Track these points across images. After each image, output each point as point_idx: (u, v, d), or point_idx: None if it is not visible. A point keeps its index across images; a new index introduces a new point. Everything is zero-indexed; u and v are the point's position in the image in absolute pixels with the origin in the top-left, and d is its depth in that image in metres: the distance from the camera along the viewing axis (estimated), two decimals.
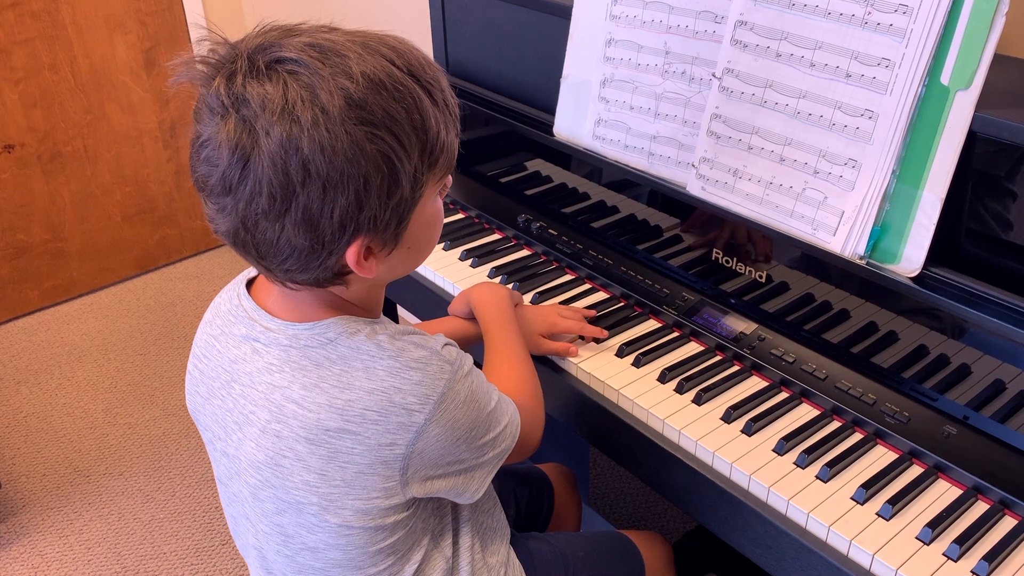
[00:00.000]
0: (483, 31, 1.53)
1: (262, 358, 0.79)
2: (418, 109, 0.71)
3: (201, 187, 0.72)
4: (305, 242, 0.70)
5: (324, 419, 0.76)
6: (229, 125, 0.67)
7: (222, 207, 0.71)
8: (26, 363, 2.49)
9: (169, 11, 2.68)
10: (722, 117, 1.13)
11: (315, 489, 0.79)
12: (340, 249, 0.72)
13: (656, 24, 1.20)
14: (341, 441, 0.76)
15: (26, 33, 2.43)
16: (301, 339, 0.78)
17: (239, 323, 0.82)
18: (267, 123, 0.66)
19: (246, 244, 0.72)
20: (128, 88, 2.69)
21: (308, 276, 0.74)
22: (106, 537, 1.93)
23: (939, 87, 0.94)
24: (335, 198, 0.68)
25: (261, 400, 0.79)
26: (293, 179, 0.67)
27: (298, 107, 0.66)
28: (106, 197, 2.76)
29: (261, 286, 0.85)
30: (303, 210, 0.68)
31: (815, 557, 0.90)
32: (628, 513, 1.90)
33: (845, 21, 1.00)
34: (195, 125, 0.71)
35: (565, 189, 1.41)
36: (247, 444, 0.82)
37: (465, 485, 0.85)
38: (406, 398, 0.75)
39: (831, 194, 1.04)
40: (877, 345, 1.04)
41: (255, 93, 0.66)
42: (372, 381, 0.75)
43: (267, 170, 0.66)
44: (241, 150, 0.67)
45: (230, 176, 0.68)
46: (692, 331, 1.19)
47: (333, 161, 0.67)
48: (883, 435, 1.00)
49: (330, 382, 0.76)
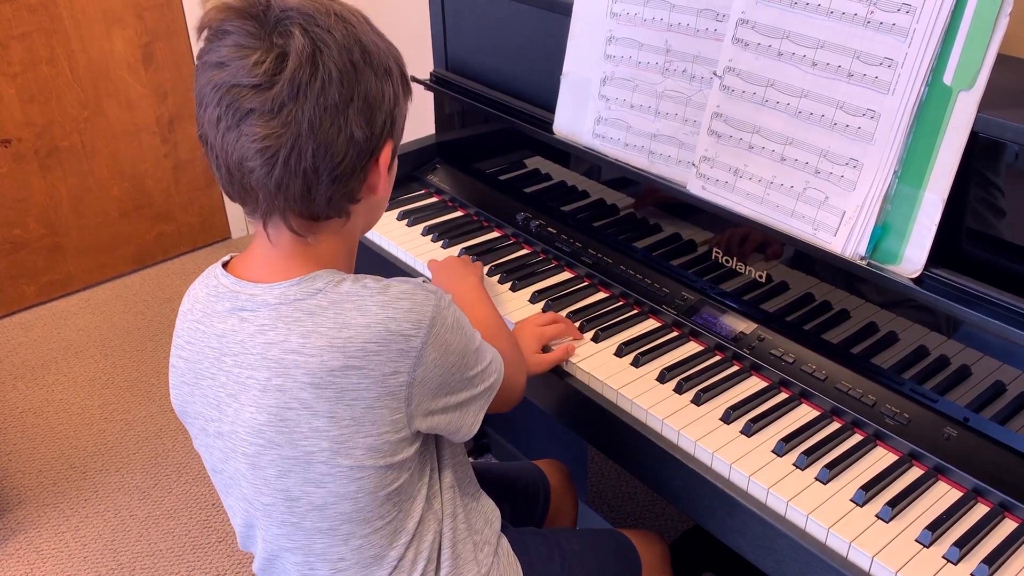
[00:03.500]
0: (483, 28, 1.52)
1: (252, 323, 0.82)
2: (393, 48, 0.84)
3: (239, 119, 0.75)
4: (363, 134, 0.78)
5: (327, 360, 0.79)
6: (297, 30, 0.75)
7: (283, 120, 0.75)
8: (22, 359, 2.49)
9: (167, 6, 2.67)
10: (723, 116, 1.13)
11: (325, 434, 0.81)
12: (381, 144, 0.81)
13: (657, 22, 1.19)
14: (346, 379, 0.79)
15: (23, 27, 2.42)
16: (290, 295, 0.82)
17: (221, 300, 0.85)
18: (326, 24, 0.76)
19: (301, 156, 0.76)
20: (126, 83, 2.67)
21: (346, 188, 0.81)
22: (103, 534, 1.92)
23: (942, 87, 0.93)
24: (383, 87, 0.79)
25: (258, 362, 0.82)
26: (357, 65, 0.77)
27: (344, 13, 0.79)
28: (103, 192, 2.75)
29: (239, 263, 0.88)
30: (364, 96, 0.78)
31: (814, 559, 0.90)
32: (626, 512, 1.90)
33: (847, 20, 0.99)
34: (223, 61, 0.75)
35: (564, 187, 1.40)
36: (245, 411, 0.83)
37: (462, 419, 0.90)
38: (401, 325, 0.80)
39: (832, 194, 1.04)
40: (877, 346, 1.04)
41: (303, 8, 0.76)
42: (366, 316, 0.80)
43: (336, 59, 0.76)
44: (310, 48, 0.75)
45: (299, 76, 0.74)
46: (691, 331, 1.19)
47: (379, 53, 0.80)
48: (883, 436, 1.00)
49: (327, 325, 0.80)
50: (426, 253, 1.41)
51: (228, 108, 0.75)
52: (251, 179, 0.78)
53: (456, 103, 1.58)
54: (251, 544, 0.95)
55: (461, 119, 1.61)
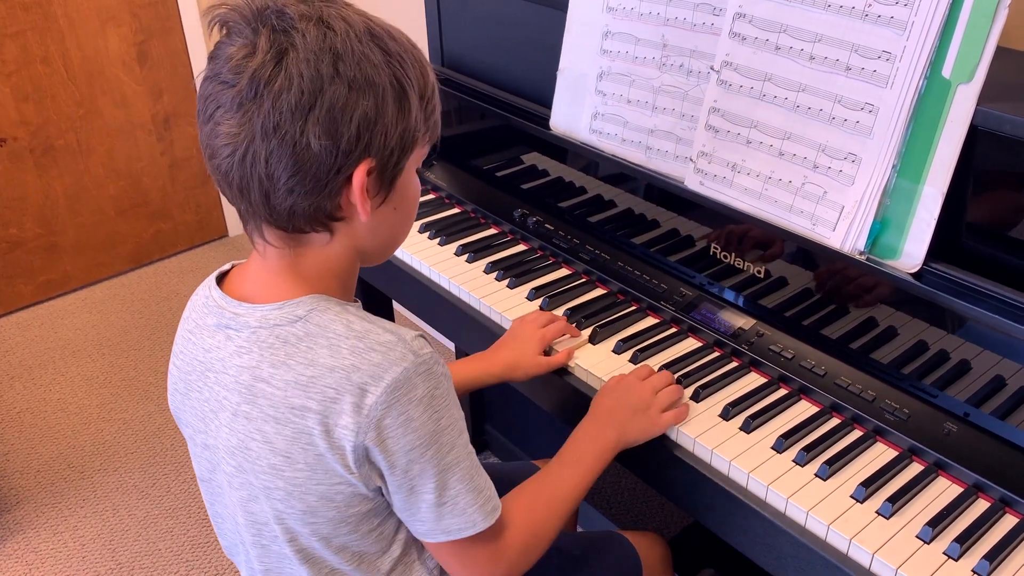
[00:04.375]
0: (478, 24, 1.51)
1: (233, 343, 0.80)
2: (419, 65, 0.78)
3: (210, 113, 0.73)
4: (322, 147, 0.72)
5: (290, 396, 0.76)
6: (265, 32, 0.71)
7: (239, 121, 0.72)
8: (20, 358, 2.48)
9: (162, 3, 2.66)
10: (720, 111, 1.12)
11: (280, 473, 0.78)
12: (350, 164, 0.74)
13: (653, 17, 1.19)
14: (304, 420, 0.75)
15: (17, 25, 2.41)
16: (270, 319, 0.78)
17: (210, 314, 0.83)
18: (304, 27, 0.71)
19: (255, 162, 0.72)
20: (121, 81, 2.67)
21: (309, 202, 0.74)
22: (101, 533, 1.92)
23: (940, 80, 0.93)
24: (357, 101, 0.72)
25: (232, 383, 0.79)
26: (323, 75, 0.71)
27: (332, 21, 0.73)
28: (99, 191, 2.74)
29: (236, 275, 0.85)
30: (327, 109, 0.71)
31: (814, 556, 0.90)
32: (625, 508, 1.90)
33: (845, 13, 0.98)
34: (216, 54, 0.74)
35: (562, 183, 1.40)
36: (223, 431, 0.82)
37: (418, 524, 0.81)
38: (363, 377, 0.74)
39: (831, 189, 1.03)
40: (877, 341, 1.03)
41: (293, 10, 0.72)
42: (335, 358, 0.75)
43: (300, 65, 0.70)
44: (277, 50, 0.71)
45: (259, 76, 0.70)
46: (690, 327, 1.18)
47: (360, 65, 0.72)
48: (883, 432, 1.00)
49: (296, 359, 0.76)
50: (423, 250, 1.40)
51: (205, 100, 0.74)
52: (222, 177, 0.76)
53: (452, 99, 1.57)
54: (236, 555, 0.95)
55: (457, 115, 1.60)
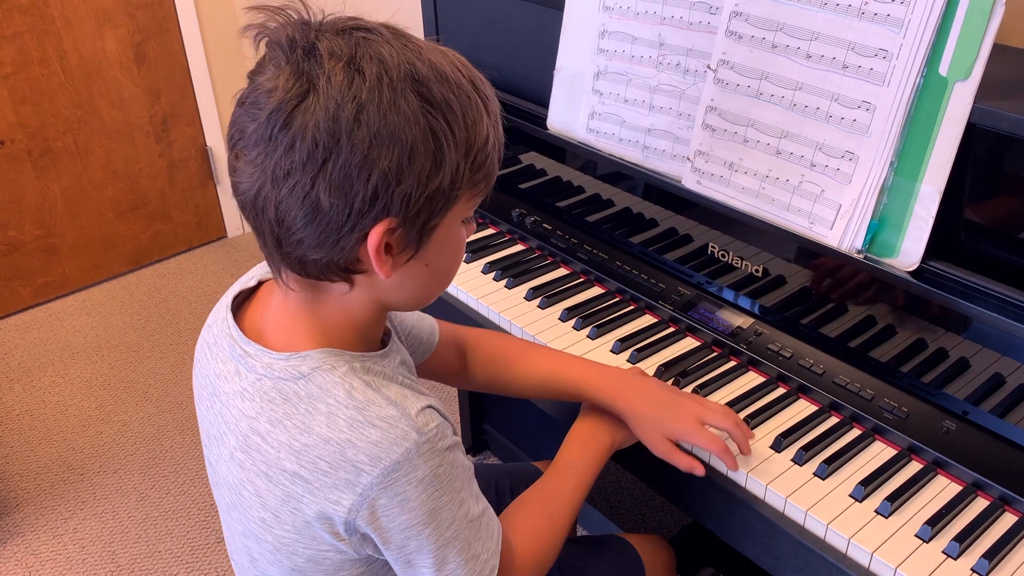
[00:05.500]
0: (475, 23, 1.51)
1: (239, 382, 0.77)
2: (473, 111, 0.71)
3: (235, 141, 0.69)
4: (333, 205, 0.66)
5: (283, 458, 0.73)
6: (290, 68, 0.65)
7: (253, 159, 0.67)
8: (19, 360, 2.48)
9: (159, 4, 2.65)
10: (717, 110, 1.12)
11: (269, 529, 0.76)
12: (365, 224, 0.67)
13: (650, 15, 1.18)
14: (294, 485, 0.73)
15: (14, 27, 2.41)
16: (275, 370, 0.74)
17: (224, 339, 0.80)
18: (330, 70, 0.64)
19: (265, 206, 0.67)
20: (119, 82, 2.66)
21: (320, 255, 0.69)
22: (100, 535, 1.91)
23: (937, 78, 0.92)
24: (377, 158, 0.65)
25: (232, 425, 0.77)
26: (342, 127, 0.64)
27: (364, 62, 0.65)
28: (98, 193, 2.74)
29: (259, 303, 0.81)
30: (342, 165, 0.65)
31: (813, 555, 0.89)
32: (625, 508, 1.90)
33: (842, 11, 0.98)
34: (251, 74, 0.69)
35: (559, 183, 1.39)
36: (223, 462, 0.80)
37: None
38: (358, 455, 0.70)
39: (828, 187, 1.03)
40: (875, 340, 1.03)
41: (325, 45, 0.66)
42: (331, 430, 0.71)
43: (318, 113, 0.64)
44: (297, 92, 0.64)
45: (275, 119, 0.64)
46: (688, 326, 1.18)
47: (386, 117, 0.65)
48: (881, 431, 0.99)
49: (294, 420, 0.72)
50: None
51: (232, 123, 0.70)
52: (241, 208, 0.71)
53: None
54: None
55: None
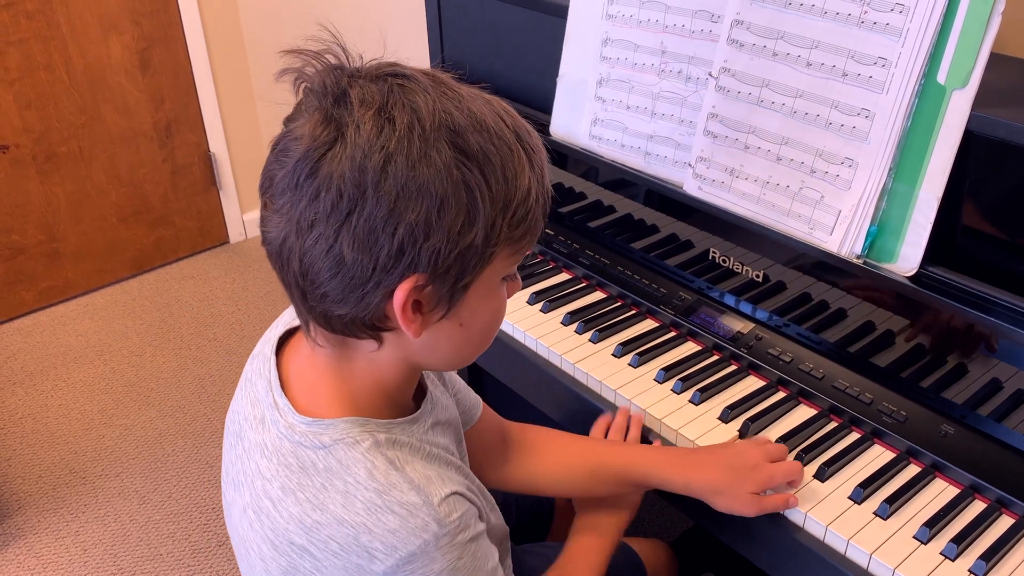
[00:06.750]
0: (479, 30, 1.52)
1: (263, 434, 0.74)
2: (514, 163, 0.66)
3: (265, 188, 0.67)
4: (356, 260, 0.63)
5: (291, 530, 0.70)
6: (319, 115, 0.63)
7: (279, 207, 0.64)
8: (21, 364, 2.49)
9: (164, 11, 2.67)
10: (719, 117, 1.13)
11: None
12: (391, 280, 0.64)
13: (652, 23, 1.20)
14: (301, 559, 0.70)
15: (20, 33, 2.42)
16: (297, 432, 0.71)
17: (261, 380, 0.77)
18: (359, 118, 0.62)
19: (290, 257, 0.65)
20: (123, 89, 2.68)
21: (345, 311, 0.66)
22: (103, 539, 1.92)
23: (935, 86, 0.94)
24: (404, 211, 0.61)
25: (249, 478, 0.74)
26: (368, 179, 0.61)
27: (396, 111, 0.62)
28: (101, 198, 2.75)
29: (296, 342, 0.78)
30: (367, 217, 0.61)
31: (812, 557, 0.90)
32: None
33: (841, 20, 0.99)
34: (287, 119, 0.67)
35: (562, 189, 1.41)
36: (235, 509, 0.77)
37: None
38: (373, 542, 0.67)
39: (828, 193, 1.04)
40: (874, 344, 1.04)
41: (356, 92, 0.63)
42: (347, 511, 0.68)
43: (344, 164, 0.61)
44: (325, 140, 0.62)
45: (301, 167, 0.62)
46: (689, 331, 1.19)
47: (415, 169, 0.61)
48: (880, 434, 1.00)
49: (307, 493, 0.69)
50: None
51: (265, 167, 0.67)
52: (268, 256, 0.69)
53: None
54: None
55: None
